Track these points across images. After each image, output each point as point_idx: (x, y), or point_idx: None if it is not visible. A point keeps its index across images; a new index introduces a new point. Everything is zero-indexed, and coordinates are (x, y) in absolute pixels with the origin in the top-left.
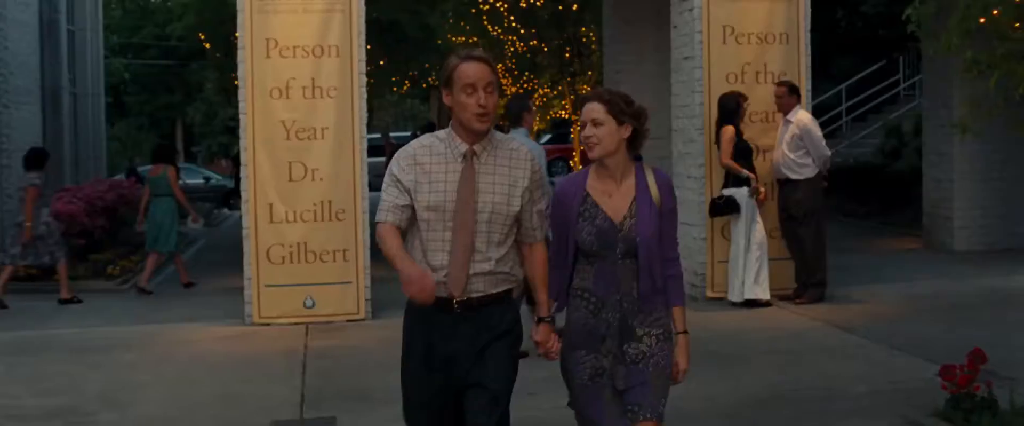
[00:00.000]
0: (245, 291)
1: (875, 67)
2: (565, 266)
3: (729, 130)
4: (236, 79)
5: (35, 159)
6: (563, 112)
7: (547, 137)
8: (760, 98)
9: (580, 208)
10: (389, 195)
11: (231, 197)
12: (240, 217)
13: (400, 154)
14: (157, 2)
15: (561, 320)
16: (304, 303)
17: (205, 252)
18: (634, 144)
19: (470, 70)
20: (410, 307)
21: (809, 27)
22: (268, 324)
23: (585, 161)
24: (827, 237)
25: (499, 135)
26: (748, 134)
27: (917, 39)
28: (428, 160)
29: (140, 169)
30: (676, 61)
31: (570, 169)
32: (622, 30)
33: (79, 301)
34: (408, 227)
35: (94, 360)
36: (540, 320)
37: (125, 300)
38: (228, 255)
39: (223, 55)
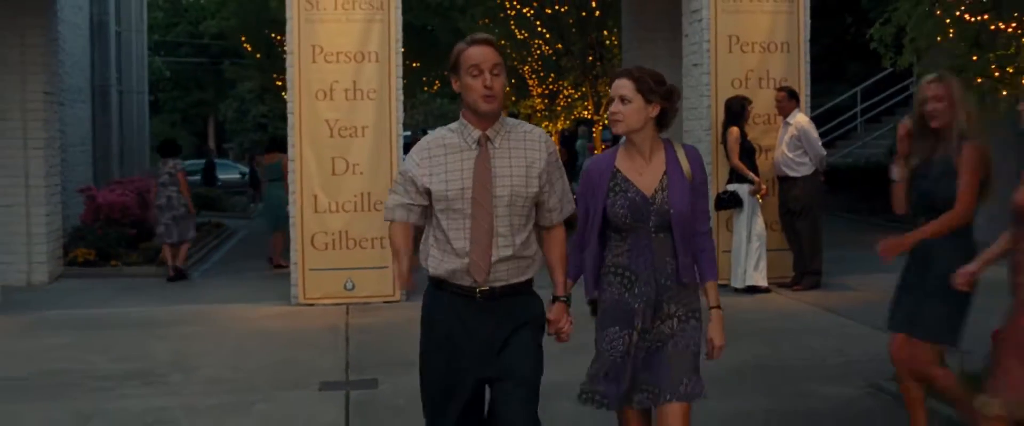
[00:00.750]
0: (292, 274)
1: (887, 72)
2: (592, 244)
3: (734, 131)
4: (278, 79)
5: (172, 148)
6: (586, 113)
7: (579, 141)
8: (762, 102)
9: (610, 184)
10: (396, 193)
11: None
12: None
13: (414, 149)
14: (191, 0)
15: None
16: (344, 285)
17: (245, 243)
18: (662, 122)
19: (475, 52)
20: (430, 294)
21: (808, 37)
22: (312, 304)
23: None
24: (822, 230)
25: (511, 120)
26: (751, 135)
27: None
28: (442, 151)
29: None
30: (686, 68)
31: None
32: (639, 37)
33: (186, 277)
34: (425, 221)
35: (160, 333)
36: (556, 299)
37: (176, 284)
38: (256, 250)
39: (265, 56)
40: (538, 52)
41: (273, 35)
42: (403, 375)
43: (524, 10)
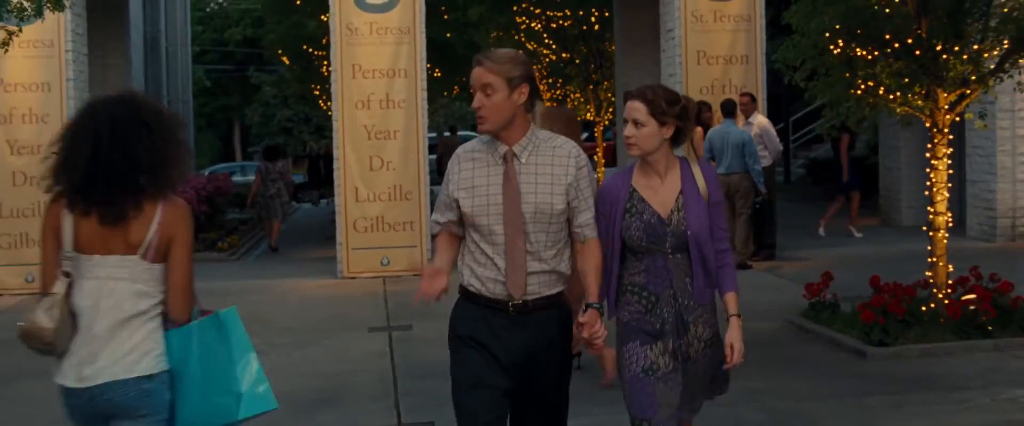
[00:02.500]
0: (337, 253)
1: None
2: (611, 264)
3: (699, 131)
4: (316, 88)
5: (277, 152)
6: (589, 115)
7: (584, 135)
8: None
9: (626, 204)
10: (438, 206)
11: (298, 191)
12: (307, 208)
13: (451, 160)
14: (215, 8)
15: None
16: (381, 261)
17: (286, 235)
18: (677, 140)
19: (472, 73)
20: (461, 305)
21: (764, 50)
22: (354, 277)
23: (607, 157)
24: (777, 211)
25: (542, 134)
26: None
27: None
28: (471, 166)
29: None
30: (663, 78)
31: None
32: (630, 50)
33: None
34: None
35: (232, 299)
36: (588, 306)
37: (236, 265)
38: (304, 236)
39: (303, 69)
40: (547, 60)
41: (309, 49)
42: (432, 322)
43: (533, 24)
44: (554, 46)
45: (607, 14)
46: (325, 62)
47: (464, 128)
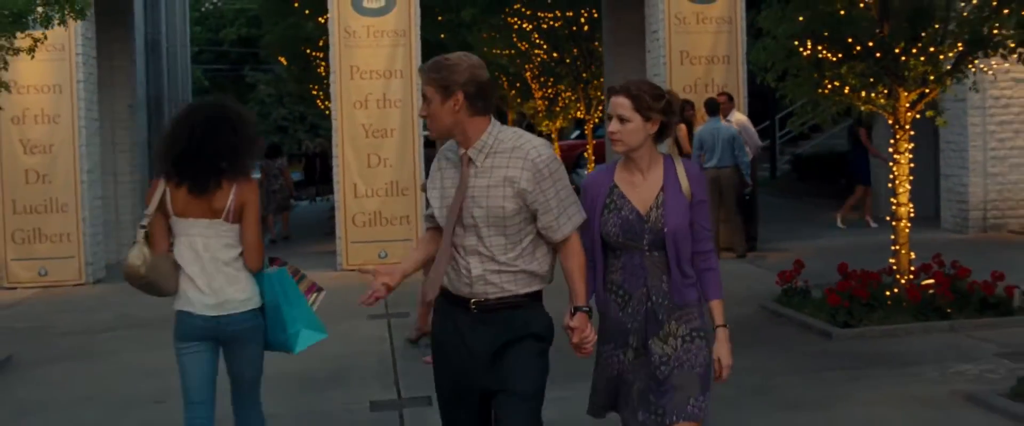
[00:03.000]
0: (337, 246)
1: None
2: (593, 261)
3: (682, 127)
4: (314, 88)
5: (277, 150)
6: (579, 113)
7: (576, 133)
8: None
9: (606, 199)
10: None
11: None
12: (305, 205)
13: (435, 159)
14: (211, 8)
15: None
16: (379, 254)
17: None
18: (662, 135)
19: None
20: (438, 304)
21: (745, 51)
22: (354, 270)
23: (597, 154)
24: (758, 204)
25: (506, 134)
26: (698, 129)
27: None
28: (440, 168)
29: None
30: (648, 77)
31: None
32: (617, 50)
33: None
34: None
35: None
36: (576, 310)
37: None
38: (304, 232)
39: (300, 69)
40: (538, 60)
41: (307, 50)
42: None
43: (524, 25)
44: (545, 46)
45: (596, 15)
46: (322, 63)
47: None
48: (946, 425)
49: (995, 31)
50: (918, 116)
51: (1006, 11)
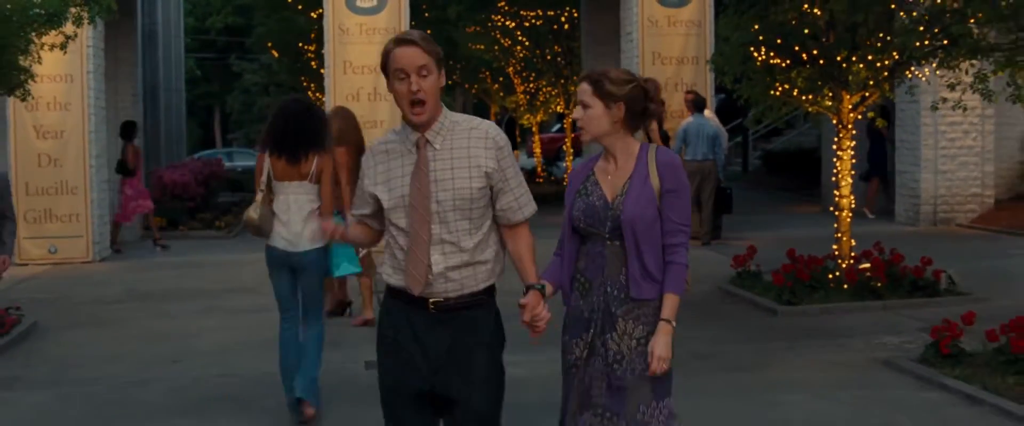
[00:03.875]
0: None
1: None
2: (567, 250)
3: (653, 123)
4: (305, 80)
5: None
6: (559, 107)
7: (556, 126)
8: (676, 101)
9: (580, 186)
10: (355, 199)
11: None
12: None
13: (366, 155)
14: None
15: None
16: None
17: None
18: (634, 123)
19: (400, 54)
20: (385, 303)
21: (713, 52)
22: None
23: (575, 147)
24: (733, 198)
25: (457, 117)
26: (668, 125)
27: None
28: (384, 158)
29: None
30: None
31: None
32: (595, 49)
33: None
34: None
35: (237, 269)
36: (529, 287)
37: (232, 242)
38: None
39: (292, 61)
40: (521, 56)
41: (300, 44)
42: None
43: (508, 23)
44: (527, 43)
45: (576, 15)
46: (313, 56)
47: None
48: (859, 383)
49: (925, 42)
50: (860, 117)
51: (936, 29)
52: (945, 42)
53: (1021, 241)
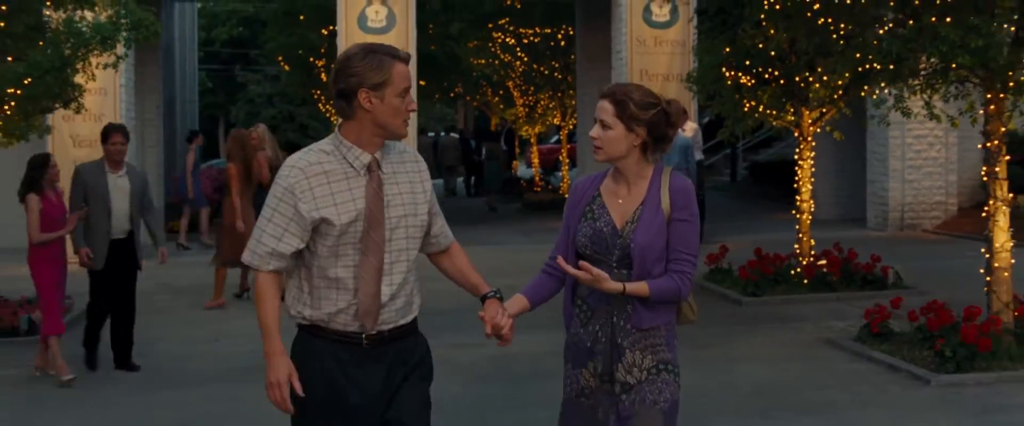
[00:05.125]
0: None
1: None
2: (559, 269)
3: None
4: (315, 92)
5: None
6: (555, 120)
7: (554, 138)
8: None
9: (586, 207)
10: (272, 232)
11: None
12: None
13: (287, 177)
14: (201, 7)
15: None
16: None
17: None
18: (655, 146)
19: (403, 71)
20: (301, 345)
21: (687, 72)
22: None
23: (570, 158)
24: (702, 203)
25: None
26: None
27: None
28: (324, 180)
29: None
30: None
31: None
32: (588, 65)
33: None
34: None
35: None
36: (484, 297)
37: None
38: None
39: (304, 75)
40: (520, 71)
41: (310, 58)
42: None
43: (508, 39)
44: (526, 58)
45: (571, 32)
46: (324, 71)
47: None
48: (802, 357)
49: (872, 65)
50: (819, 130)
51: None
52: (877, 67)
53: (978, 245)
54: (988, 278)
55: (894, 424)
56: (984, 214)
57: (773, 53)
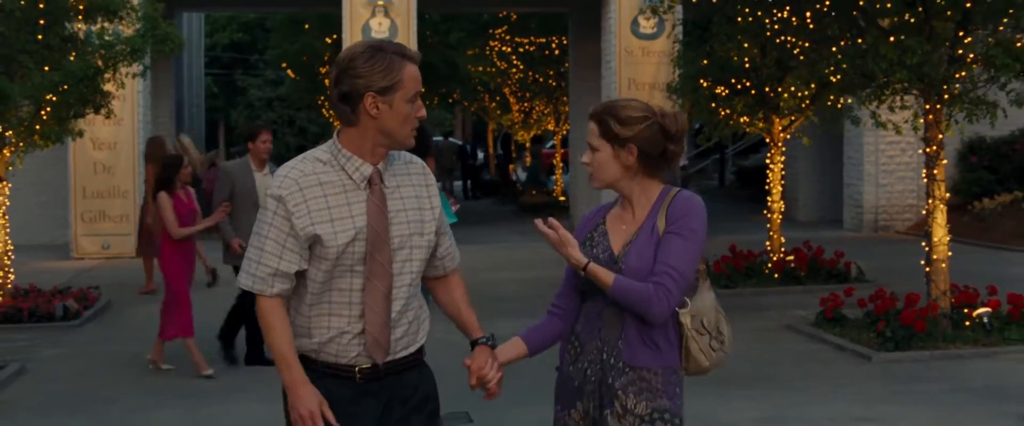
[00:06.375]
0: None
1: None
2: (566, 309)
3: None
4: (320, 98)
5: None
6: (550, 125)
7: (549, 143)
8: None
9: (588, 234)
10: (272, 249)
11: None
12: None
13: (279, 188)
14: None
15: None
16: None
17: None
18: (652, 165)
19: (415, 74)
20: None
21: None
22: None
23: (564, 162)
24: None
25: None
26: None
27: None
28: (319, 192)
29: None
30: (602, 99)
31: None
32: (580, 74)
33: None
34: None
35: None
36: (474, 343)
37: None
38: None
39: (308, 82)
40: (516, 78)
41: (316, 65)
42: None
43: (504, 48)
44: (522, 66)
45: (565, 42)
46: (328, 77)
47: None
48: (763, 339)
49: (834, 78)
50: (789, 137)
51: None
52: (832, 80)
53: None
54: (928, 269)
55: (833, 391)
56: (924, 212)
57: (748, 64)
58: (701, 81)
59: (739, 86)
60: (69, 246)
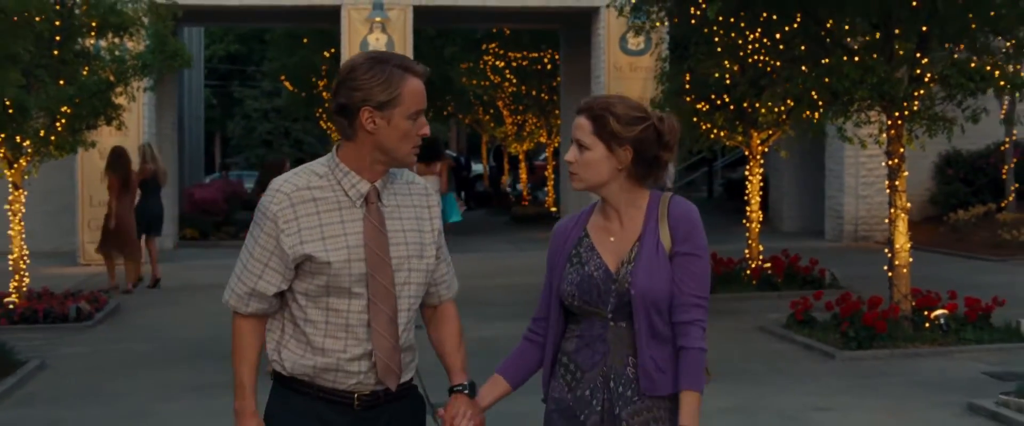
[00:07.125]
0: None
1: None
2: (547, 331)
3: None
4: (318, 110)
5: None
6: (542, 138)
7: (541, 155)
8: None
9: (572, 251)
10: (252, 268)
11: None
12: None
13: (270, 203)
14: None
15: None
16: None
17: None
18: (643, 171)
19: (418, 89)
20: (279, 402)
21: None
22: None
23: (556, 175)
24: None
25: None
26: None
27: None
28: (313, 209)
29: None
30: None
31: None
32: (571, 89)
33: None
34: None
35: None
36: (453, 389)
37: None
38: None
39: (306, 95)
40: (510, 92)
41: (313, 78)
42: None
43: (498, 62)
44: (515, 80)
45: (557, 57)
46: (326, 90)
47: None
48: (737, 340)
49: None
50: (767, 149)
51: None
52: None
53: (921, 254)
54: (890, 274)
55: (797, 384)
56: (887, 221)
57: (728, 80)
58: (685, 98)
59: (718, 102)
60: (76, 253)
